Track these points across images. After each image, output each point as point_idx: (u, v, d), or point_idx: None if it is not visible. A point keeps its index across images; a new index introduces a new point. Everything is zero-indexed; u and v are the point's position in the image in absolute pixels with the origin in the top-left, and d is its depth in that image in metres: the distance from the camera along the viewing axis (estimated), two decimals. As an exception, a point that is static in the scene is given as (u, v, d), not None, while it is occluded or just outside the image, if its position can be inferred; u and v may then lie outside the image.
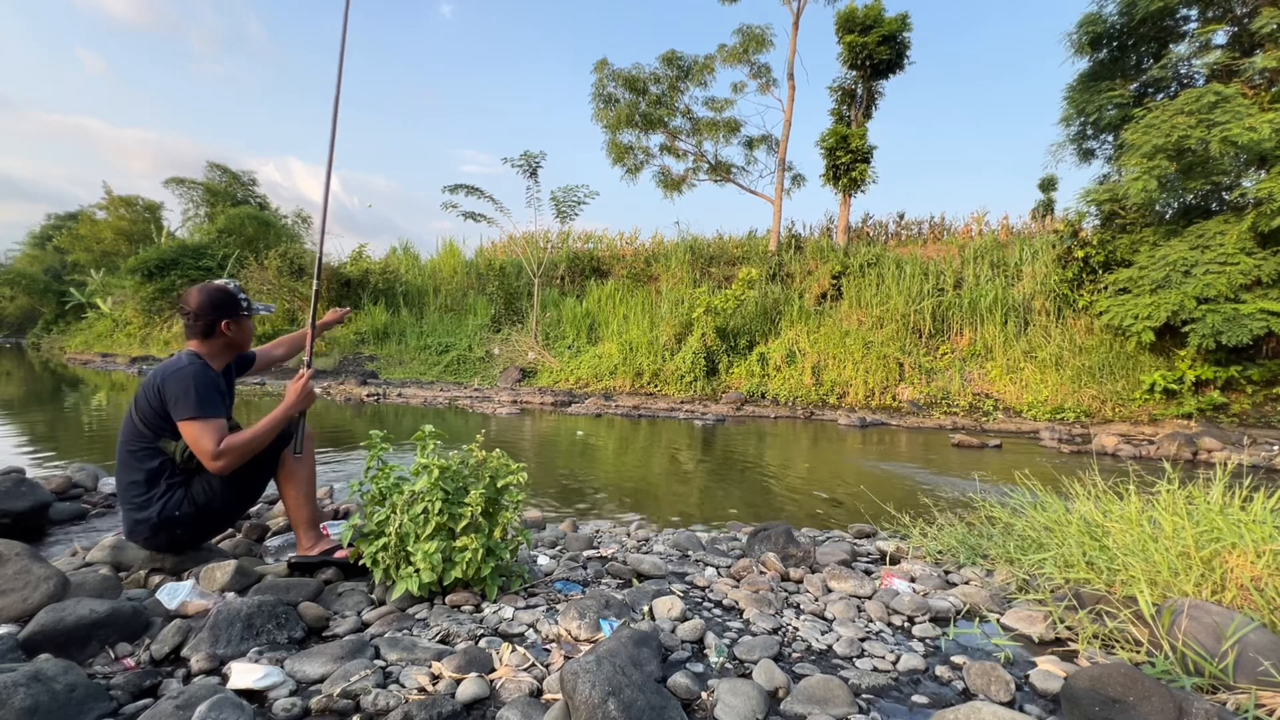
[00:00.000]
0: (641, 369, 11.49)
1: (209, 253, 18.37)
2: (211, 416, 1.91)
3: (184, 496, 1.97)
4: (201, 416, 1.89)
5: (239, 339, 2.16)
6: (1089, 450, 6.67)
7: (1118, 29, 10.00)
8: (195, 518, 1.99)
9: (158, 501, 1.96)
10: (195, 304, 2.05)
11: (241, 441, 1.91)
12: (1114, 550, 2.11)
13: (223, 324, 2.09)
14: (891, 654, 1.73)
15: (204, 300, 2.06)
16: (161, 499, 1.96)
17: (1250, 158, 8.24)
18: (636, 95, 15.95)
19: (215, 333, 2.09)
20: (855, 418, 8.84)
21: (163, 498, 1.96)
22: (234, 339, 2.14)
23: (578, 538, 2.71)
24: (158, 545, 2.03)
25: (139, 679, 1.42)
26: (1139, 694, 1.32)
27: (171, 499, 1.97)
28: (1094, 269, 10.06)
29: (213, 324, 2.07)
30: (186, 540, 2.06)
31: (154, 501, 1.96)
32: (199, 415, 1.89)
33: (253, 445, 1.93)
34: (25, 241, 30.92)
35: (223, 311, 2.09)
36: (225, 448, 1.87)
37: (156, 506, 1.96)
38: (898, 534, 3.12)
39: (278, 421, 1.96)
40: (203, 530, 2.08)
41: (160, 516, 1.96)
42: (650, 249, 16.95)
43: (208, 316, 2.06)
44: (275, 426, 1.96)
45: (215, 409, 1.94)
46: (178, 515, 1.96)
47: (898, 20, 13.54)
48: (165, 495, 1.97)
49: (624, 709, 1.21)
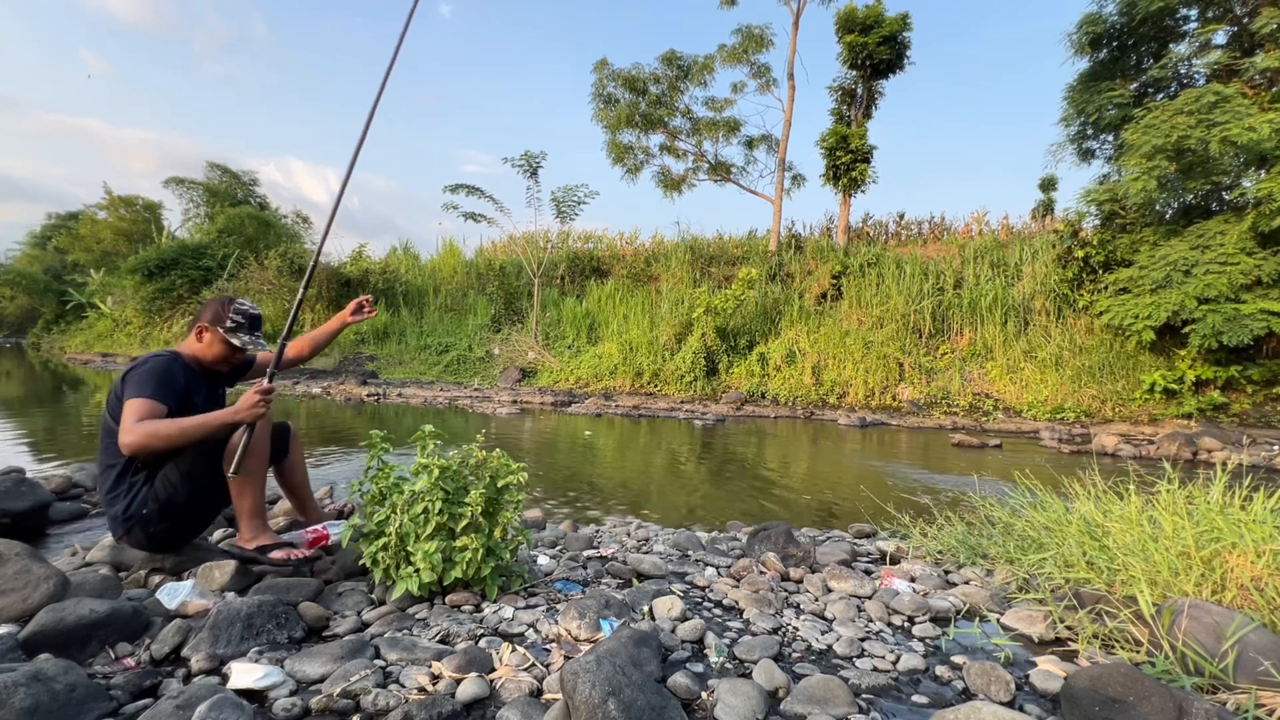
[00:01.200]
0: (641, 369, 11.49)
1: (209, 253, 18.36)
2: (147, 397, 1.85)
3: (148, 494, 1.94)
4: (138, 396, 1.85)
5: (205, 352, 2.13)
6: (1089, 450, 6.67)
7: (1118, 29, 10.01)
8: (160, 515, 1.95)
9: (123, 499, 1.95)
10: (203, 305, 2.10)
11: (161, 427, 1.82)
12: (1114, 550, 2.11)
13: (198, 328, 2.13)
14: (891, 654, 1.73)
15: (206, 304, 2.16)
16: (126, 496, 1.95)
17: (1250, 158, 8.24)
18: (636, 95, 15.95)
19: (192, 332, 2.14)
20: (855, 418, 8.84)
21: (128, 495, 1.95)
22: (202, 349, 2.13)
23: (578, 538, 2.71)
24: (136, 543, 2.01)
25: (139, 679, 1.42)
26: (1139, 694, 1.32)
27: (136, 496, 1.94)
28: (1094, 269, 10.06)
29: (193, 324, 2.15)
30: (163, 539, 2.02)
31: (120, 499, 1.95)
32: (135, 395, 1.85)
33: (172, 436, 1.83)
34: (25, 241, 30.93)
35: (206, 318, 2.13)
36: (138, 427, 1.79)
37: (122, 504, 1.94)
38: (898, 534, 3.12)
39: (212, 425, 1.86)
40: (176, 529, 2.03)
41: (125, 514, 1.94)
42: (650, 249, 16.96)
43: (196, 317, 2.15)
44: (206, 427, 1.86)
45: (156, 393, 1.88)
46: (144, 513, 1.94)
47: (898, 20, 13.55)
48: (130, 492, 1.95)
49: (624, 709, 1.21)
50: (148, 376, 1.91)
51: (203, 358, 2.14)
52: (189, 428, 1.84)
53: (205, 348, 2.13)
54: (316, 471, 4.68)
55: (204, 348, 2.13)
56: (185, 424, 1.85)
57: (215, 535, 2.64)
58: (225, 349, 2.14)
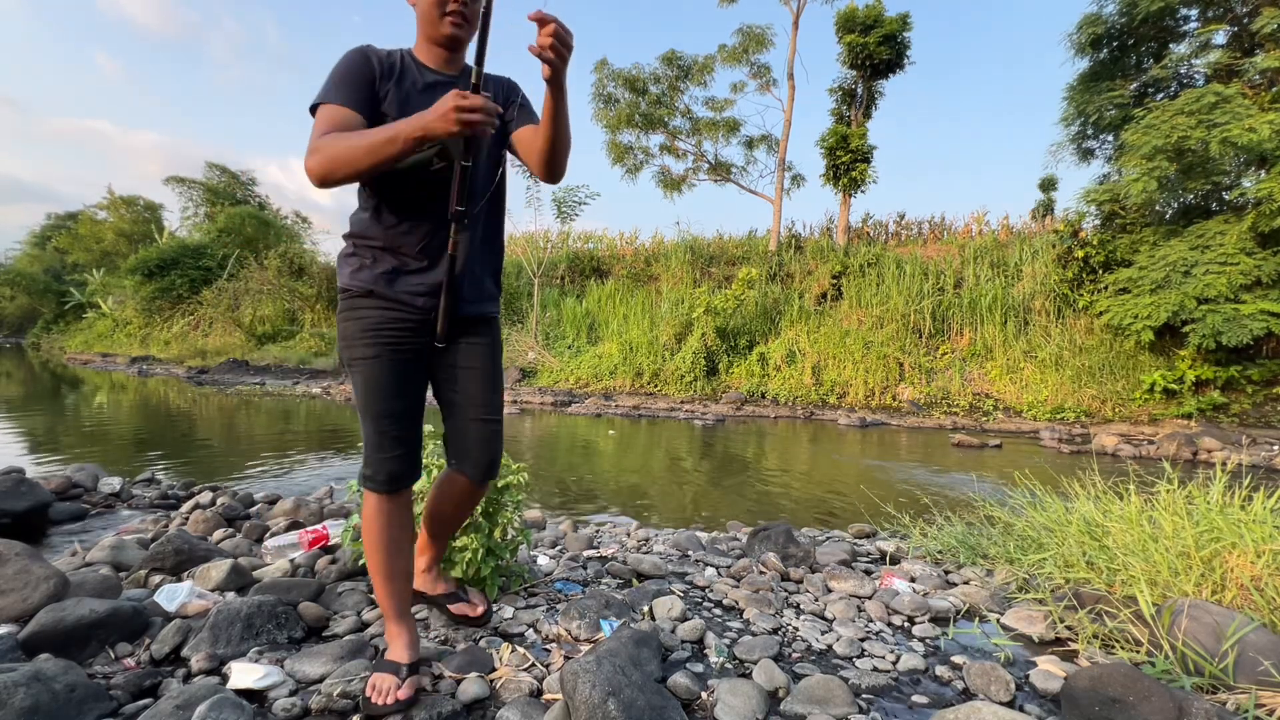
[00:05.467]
0: (641, 369, 11.48)
1: (209, 252, 18.38)
2: (327, 101, 1.29)
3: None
4: (319, 103, 1.30)
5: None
6: (1089, 450, 6.67)
7: (1118, 29, 10.00)
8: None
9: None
10: None
11: (339, 140, 1.21)
12: (1114, 550, 2.11)
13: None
14: (891, 654, 1.73)
15: None
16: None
17: (1250, 158, 8.24)
18: (636, 95, 15.95)
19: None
20: (855, 418, 8.84)
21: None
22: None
23: (578, 538, 2.71)
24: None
25: (139, 679, 1.42)
26: (1139, 694, 1.32)
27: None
28: (1094, 269, 10.06)
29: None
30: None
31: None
32: (316, 102, 1.30)
33: (349, 151, 1.19)
34: (25, 241, 30.91)
35: None
36: (317, 143, 1.22)
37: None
38: (898, 534, 3.12)
39: (391, 136, 1.16)
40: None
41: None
42: (650, 249, 16.95)
43: None
44: (384, 140, 1.16)
45: (338, 95, 1.29)
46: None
47: (898, 20, 13.54)
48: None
49: (624, 709, 1.21)
50: (329, 78, 1.33)
51: (426, 27, 1.39)
52: (371, 138, 1.18)
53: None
54: (317, 471, 4.68)
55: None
56: (368, 134, 1.20)
57: (215, 536, 2.64)
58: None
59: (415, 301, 1.37)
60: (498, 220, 1.53)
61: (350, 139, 1.21)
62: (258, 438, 6.17)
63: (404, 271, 1.37)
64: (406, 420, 1.41)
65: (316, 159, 1.21)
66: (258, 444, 5.76)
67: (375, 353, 1.36)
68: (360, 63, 1.34)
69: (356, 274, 1.37)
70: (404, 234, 1.36)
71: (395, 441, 1.38)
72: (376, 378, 1.36)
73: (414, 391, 1.43)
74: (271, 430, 6.64)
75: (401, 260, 1.37)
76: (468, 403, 1.49)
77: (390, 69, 1.36)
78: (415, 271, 1.37)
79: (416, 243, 1.36)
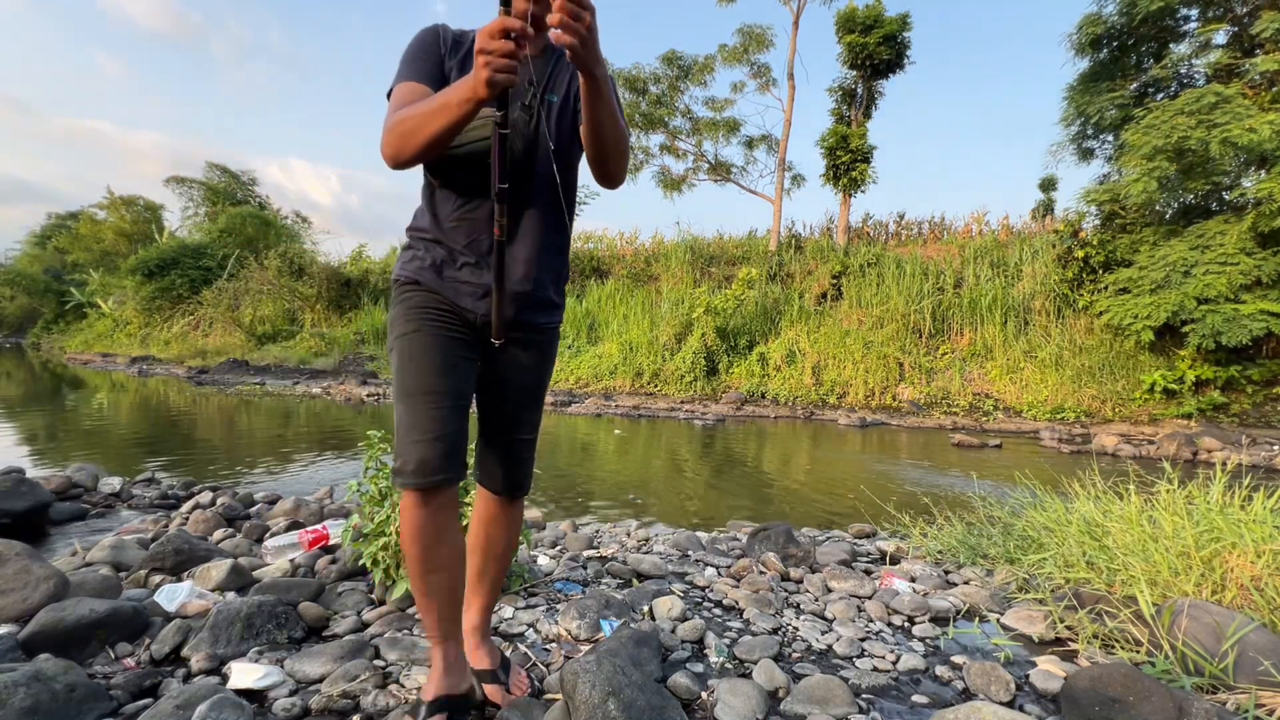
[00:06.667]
0: (641, 369, 11.48)
1: (209, 252, 18.37)
2: (398, 82, 1.20)
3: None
4: (391, 88, 1.21)
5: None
6: (1089, 450, 6.67)
7: (1118, 29, 10.00)
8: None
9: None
10: None
11: (403, 114, 1.11)
12: (1114, 550, 2.11)
13: None
14: (891, 654, 1.73)
15: None
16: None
17: (1250, 158, 8.24)
18: (636, 95, 15.96)
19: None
20: (855, 418, 8.84)
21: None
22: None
23: (578, 538, 2.71)
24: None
25: (139, 679, 1.42)
26: (1139, 694, 1.32)
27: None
28: (1094, 269, 10.06)
29: None
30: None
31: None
32: (390, 88, 1.22)
33: (408, 123, 1.08)
34: (25, 241, 30.91)
35: None
36: (387, 123, 1.13)
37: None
38: (898, 534, 3.13)
39: (443, 103, 1.03)
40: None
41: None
42: (650, 249, 16.94)
43: None
44: (437, 107, 1.04)
45: (407, 71, 1.21)
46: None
47: (898, 20, 13.54)
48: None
49: (624, 709, 1.21)
50: (402, 57, 1.26)
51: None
52: (431, 105, 1.07)
53: None
54: (316, 471, 4.68)
55: None
56: (427, 102, 1.09)
57: (215, 536, 2.64)
58: None
59: (462, 300, 1.25)
60: (560, 214, 1.32)
61: (411, 111, 1.09)
62: (258, 438, 6.17)
63: (454, 265, 1.26)
64: (445, 403, 1.20)
65: (385, 139, 1.11)
66: (258, 444, 5.76)
67: (415, 327, 1.23)
68: (429, 39, 1.24)
69: (407, 265, 1.28)
70: (453, 227, 1.25)
71: (429, 423, 1.17)
72: (414, 352, 1.22)
73: (457, 376, 1.24)
74: (271, 430, 6.64)
75: (451, 253, 1.26)
76: (505, 418, 1.37)
77: (456, 45, 1.25)
78: (464, 266, 1.25)
79: (465, 236, 1.24)
